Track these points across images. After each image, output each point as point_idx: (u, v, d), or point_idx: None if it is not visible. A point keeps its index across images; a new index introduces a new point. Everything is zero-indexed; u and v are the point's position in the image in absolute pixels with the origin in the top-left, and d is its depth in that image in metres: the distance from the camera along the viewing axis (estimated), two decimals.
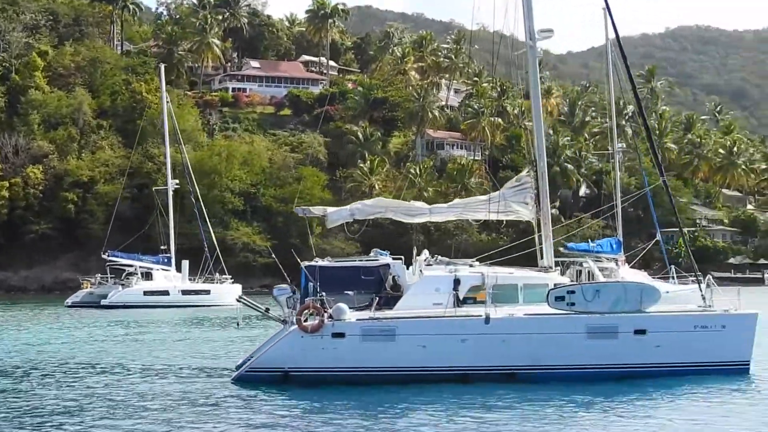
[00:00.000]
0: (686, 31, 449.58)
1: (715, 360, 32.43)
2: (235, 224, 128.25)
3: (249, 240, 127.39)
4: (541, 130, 35.97)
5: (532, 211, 35.67)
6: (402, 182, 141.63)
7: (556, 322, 31.49)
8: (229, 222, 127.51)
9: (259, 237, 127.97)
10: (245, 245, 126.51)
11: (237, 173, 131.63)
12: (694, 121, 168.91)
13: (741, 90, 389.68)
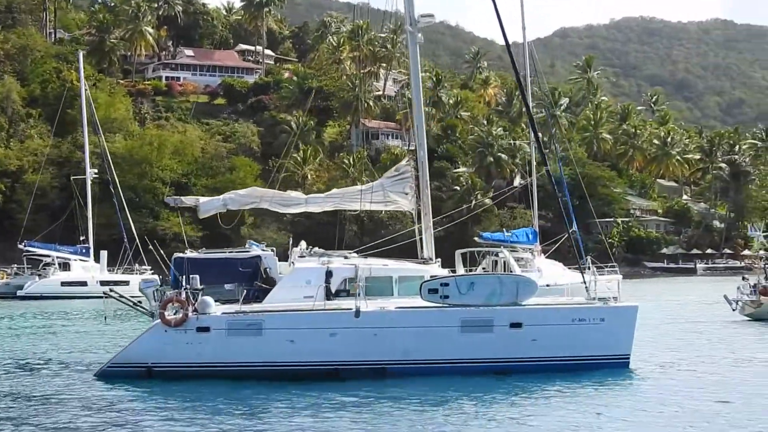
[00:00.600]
0: (631, 23, 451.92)
1: (594, 354, 31.66)
2: (165, 214, 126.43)
3: (180, 230, 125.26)
4: (421, 117, 35.19)
5: (411, 201, 34.75)
6: (335, 172, 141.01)
7: (428, 316, 30.59)
8: (160, 212, 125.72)
9: (190, 227, 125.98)
10: (176, 235, 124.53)
11: (168, 163, 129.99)
12: (630, 112, 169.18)
13: (684, 81, 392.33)
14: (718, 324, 50.50)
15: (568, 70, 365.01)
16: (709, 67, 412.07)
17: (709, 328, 48.79)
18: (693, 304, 65.06)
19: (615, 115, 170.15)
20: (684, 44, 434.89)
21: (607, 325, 31.60)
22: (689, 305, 64.64)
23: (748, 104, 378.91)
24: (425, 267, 33.11)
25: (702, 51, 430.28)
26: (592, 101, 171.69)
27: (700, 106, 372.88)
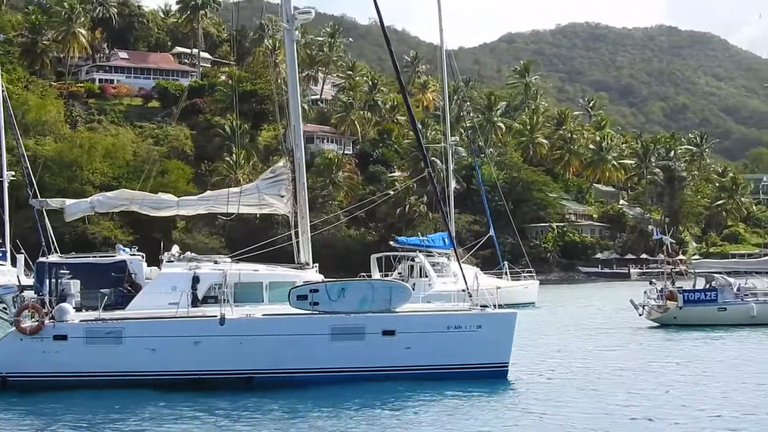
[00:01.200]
0: (577, 28, 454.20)
1: (470, 362, 30.82)
2: (95, 218, 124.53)
3: (110, 234, 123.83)
4: (298, 116, 34.31)
5: (287, 204, 33.76)
6: None
7: (297, 323, 29.62)
8: (90, 216, 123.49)
9: (120, 231, 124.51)
10: (106, 239, 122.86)
11: (99, 166, 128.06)
12: (567, 117, 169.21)
13: (629, 87, 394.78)
14: (622, 330, 50.03)
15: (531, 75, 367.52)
16: (654, 73, 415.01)
17: (611, 334, 48.28)
18: (607, 309, 64.49)
19: (552, 119, 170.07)
20: (629, 50, 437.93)
21: (485, 332, 30.76)
22: (603, 310, 64.07)
23: (692, 110, 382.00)
24: (299, 273, 32.17)
25: (647, 57, 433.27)
26: (530, 106, 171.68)
27: (644, 112, 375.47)
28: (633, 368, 34.67)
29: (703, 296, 50.95)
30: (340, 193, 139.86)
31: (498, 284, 70.58)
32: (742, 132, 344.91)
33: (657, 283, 52.68)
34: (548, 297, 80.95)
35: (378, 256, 69.95)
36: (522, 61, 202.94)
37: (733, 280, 52.00)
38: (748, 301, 50.81)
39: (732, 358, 38.28)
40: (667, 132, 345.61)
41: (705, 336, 46.46)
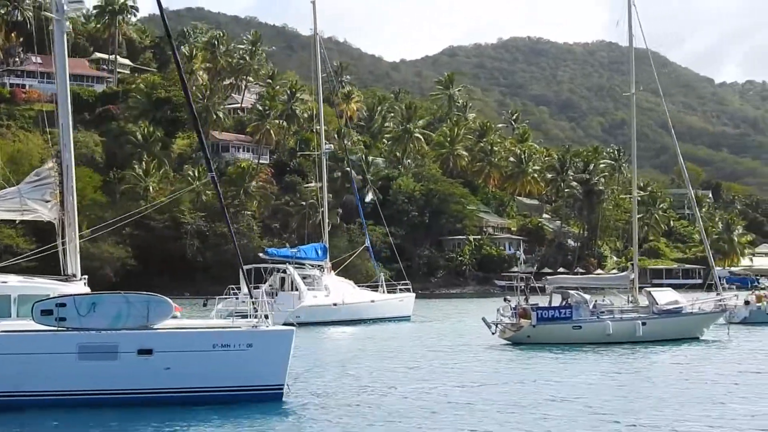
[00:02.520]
0: (518, 43, 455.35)
1: (240, 385, 28.22)
2: None
3: (12, 242, 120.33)
4: (67, 117, 31.52)
5: (53, 210, 30.95)
6: (180, 184, 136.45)
7: (39, 341, 26.83)
8: None
9: (23, 239, 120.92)
10: (7, 247, 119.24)
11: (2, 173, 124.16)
12: (488, 129, 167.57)
13: (569, 101, 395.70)
14: (472, 349, 47.63)
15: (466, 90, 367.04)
16: (594, 88, 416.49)
17: (459, 353, 45.80)
18: (472, 326, 61.89)
19: (474, 132, 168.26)
20: (570, 65, 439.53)
21: (256, 351, 28.15)
22: (466, 327, 61.26)
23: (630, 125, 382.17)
24: (59, 285, 29.35)
25: (587, 72, 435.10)
26: (451, 118, 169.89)
27: (583, 126, 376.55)
28: (444, 392, 32.24)
29: (558, 314, 48.83)
30: (252, 203, 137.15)
31: (372, 297, 68.49)
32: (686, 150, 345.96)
33: (511, 300, 50.38)
34: (430, 310, 79.00)
35: (247, 268, 67.18)
36: (446, 73, 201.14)
37: (589, 297, 49.92)
38: (603, 319, 48.78)
39: (571, 377, 36.42)
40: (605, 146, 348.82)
41: (549, 355, 44.26)
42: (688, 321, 50.82)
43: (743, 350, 46.95)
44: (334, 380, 34.33)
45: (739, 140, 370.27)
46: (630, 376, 37.57)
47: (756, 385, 33.74)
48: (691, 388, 33.33)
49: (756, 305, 65.85)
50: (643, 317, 49.60)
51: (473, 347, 48.36)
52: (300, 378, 32.89)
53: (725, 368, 39.06)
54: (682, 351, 46.57)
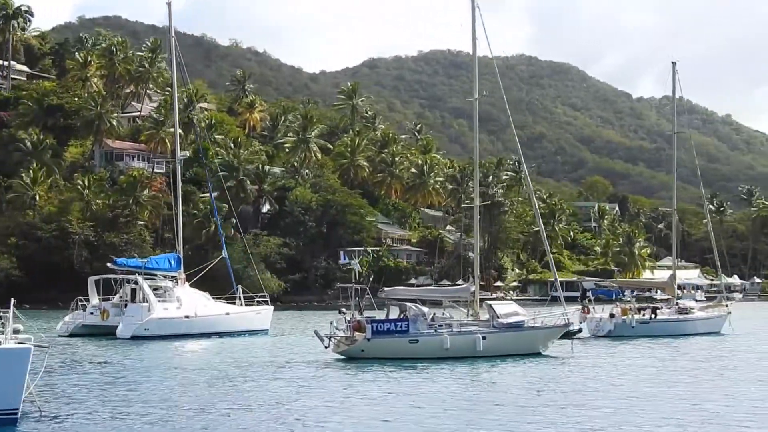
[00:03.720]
0: (438, 56, 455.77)
1: None
2: None
3: None
4: None
5: None
6: (70, 194, 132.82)
7: None
8: None
9: None
10: None
11: None
12: (390, 140, 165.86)
13: (488, 114, 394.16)
14: (301, 365, 45.31)
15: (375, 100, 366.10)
16: (513, 102, 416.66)
17: (286, 369, 43.43)
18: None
19: (377, 142, 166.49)
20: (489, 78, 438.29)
21: None
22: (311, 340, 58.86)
23: (549, 139, 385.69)
24: None
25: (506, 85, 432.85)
26: (354, 128, 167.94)
27: (502, 140, 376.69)
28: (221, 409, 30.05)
29: (394, 327, 46.73)
30: (144, 212, 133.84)
31: (228, 310, 66.07)
32: (595, 161, 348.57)
33: (346, 313, 48.17)
34: (301, 322, 76.94)
35: (96, 279, 64.61)
36: (349, 83, 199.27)
37: (427, 309, 47.93)
38: (441, 333, 46.82)
39: (400, 394, 34.57)
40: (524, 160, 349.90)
41: (381, 370, 42.20)
42: (529, 335, 49.12)
43: (584, 367, 45.28)
44: (99, 402, 31.77)
45: (655, 155, 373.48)
46: (462, 393, 35.78)
47: (581, 406, 31.96)
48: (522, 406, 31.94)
49: (621, 318, 64.48)
50: (483, 331, 47.70)
51: (304, 362, 46.13)
52: (65, 398, 30.45)
53: (560, 386, 37.42)
54: (521, 367, 44.84)
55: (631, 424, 28.00)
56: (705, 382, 39.28)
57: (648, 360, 49.26)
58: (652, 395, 34.51)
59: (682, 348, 57.14)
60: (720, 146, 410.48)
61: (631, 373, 42.67)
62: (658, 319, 65.99)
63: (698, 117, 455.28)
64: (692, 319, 67.46)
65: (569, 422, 28.19)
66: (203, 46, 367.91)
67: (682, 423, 28.15)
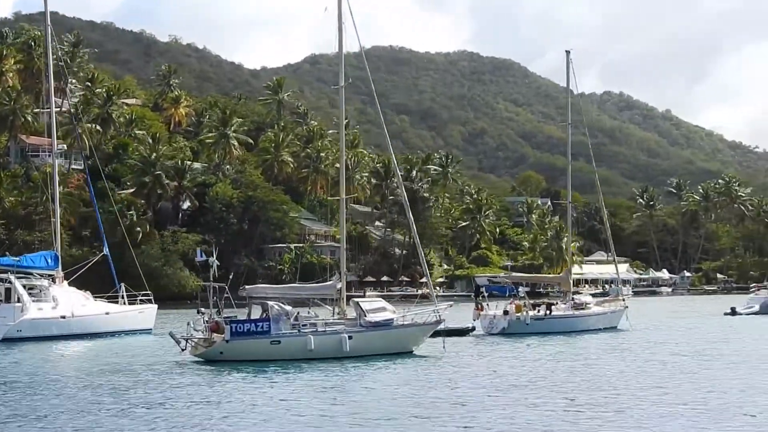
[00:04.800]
0: (380, 52, 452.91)
1: None
2: None
3: None
4: None
5: None
6: None
7: None
8: None
9: None
10: None
11: None
12: (316, 135, 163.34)
13: (430, 110, 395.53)
14: (156, 368, 42.92)
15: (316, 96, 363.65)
16: (455, 98, 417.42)
17: (138, 373, 41.00)
18: None
19: (302, 138, 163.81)
20: (431, 74, 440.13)
21: None
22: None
23: (490, 134, 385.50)
24: None
25: (448, 81, 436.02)
26: (279, 123, 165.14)
27: (443, 135, 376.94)
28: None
29: (254, 327, 44.34)
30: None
31: (108, 309, 63.61)
32: (536, 157, 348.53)
33: (205, 313, 45.73)
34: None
35: None
36: (275, 78, 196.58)
37: (290, 308, 45.66)
38: (305, 333, 44.63)
39: (258, 400, 32.51)
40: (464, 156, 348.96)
41: (240, 374, 39.98)
42: (399, 334, 47.13)
43: (455, 366, 43.42)
44: None
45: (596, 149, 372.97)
46: (323, 395, 33.90)
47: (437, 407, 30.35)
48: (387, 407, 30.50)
49: (515, 315, 62.71)
50: (350, 330, 45.59)
51: (158, 365, 43.78)
52: None
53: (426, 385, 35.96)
54: (388, 367, 42.88)
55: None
56: (554, 381, 37.67)
57: (519, 360, 47.35)
58: (503, 395, 33.22)
59: (566, 345, 55.45)
60: (660, 141, 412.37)
61: (496, 372, 40.89)
62: (553, 315, 64.34)
63: (639, 112, 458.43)
64: (588, 315, 65.93)
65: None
66: (142, 42, 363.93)
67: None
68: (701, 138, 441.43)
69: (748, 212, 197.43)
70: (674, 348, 52.86)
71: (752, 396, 32.73)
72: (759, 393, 33.55)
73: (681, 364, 43.93)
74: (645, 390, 34.37)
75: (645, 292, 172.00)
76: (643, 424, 27.14)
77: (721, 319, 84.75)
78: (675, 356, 47.59)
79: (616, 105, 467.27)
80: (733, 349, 51.59)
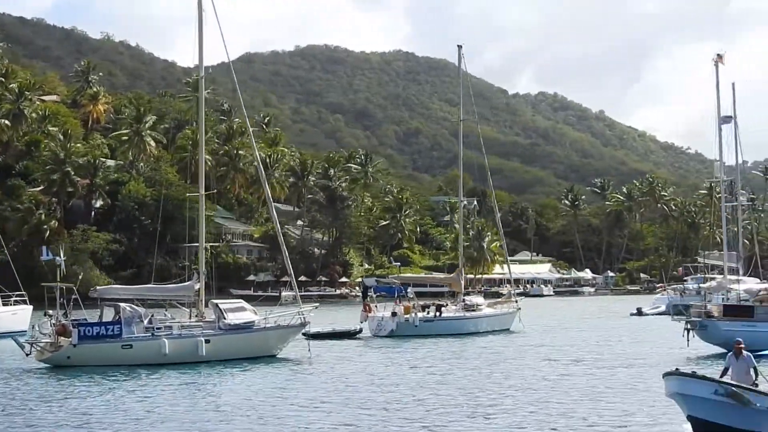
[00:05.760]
0: (315, 51, 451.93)
1: None
2: None
3: None
4: None
5: None
6: None
7: None
8: None
9: None
10: None
11: None
12: (234, 132, 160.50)
13: (365, 110, 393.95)
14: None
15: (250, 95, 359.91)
16: (390, 97, 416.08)
17: None
18: None
19: (220, 135, 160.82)
20: (366, 74, 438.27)
21: None
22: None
23: (425, 134, 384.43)
24: None
25: (383, 81, 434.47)
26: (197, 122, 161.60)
27: (378, 135, 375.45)
28: None
29: (104, 331, 42.13)
30: None
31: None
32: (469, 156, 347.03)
33: (51, 315, 43.30)
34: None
35: None
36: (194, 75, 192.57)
37: (144, 310, 43.45)
38: (159, 336, 42.44)
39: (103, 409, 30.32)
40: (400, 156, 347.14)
41: (87, 381, 37.66)
42: (260, 337, 45.17)
43: (308, 372, 41.43)
44: None
45: (530, 150, 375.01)
46: (175, 404, 31.82)
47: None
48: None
49: (404, 317, 60.93)
50: (207, 334, 43.49)
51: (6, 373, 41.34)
52: None
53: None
54: (246, 372, 40.85)
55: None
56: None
57: (390, 364, 45.47)
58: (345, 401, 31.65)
59: (438, 349, 53.39)
60: (593, 142, 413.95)
61: (354, 377, 39.01)
62: (443, 317, 62.64)
63: (573, 113, 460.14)
64: (479, 317, 64.36)
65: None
66: (73, 39, 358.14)
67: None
68: (634, 139, 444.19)
69: (671, 212, 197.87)
70: (549, 351, 50.97)
71: (590, 402, 31.02)
72: (597, 399, 31.86)
73: (542, 368, 42.14)
74: (467, 397, 32.66)
75: (567, 291, 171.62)
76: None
77: (626, 319, 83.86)
78: (544, 361, 45.71)
79: (551, 106, 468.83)
80: (614, 352, 50.07)
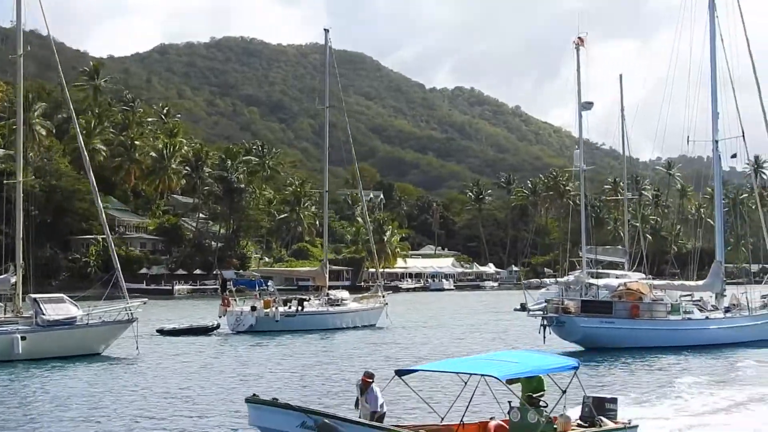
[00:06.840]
0: (231, 43, 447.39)
1: None
2: None
3: None
4: None
5: None
6: None
7: None
8: None
9: None
10: None
11: None
12: (131, 123, 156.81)
13: (280, 102, 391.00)
14: None
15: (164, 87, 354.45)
16: (306, 90, 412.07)
17: None
18: None
19: (117, 125, 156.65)
20: (282, 66, 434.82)
21: None
22: None
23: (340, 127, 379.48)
24: None
25: (299, 74, 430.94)
26: (93, 110, 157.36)
27: (293, 128, 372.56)
28: None
29: None
30: None
31: None
32: (386, 150, 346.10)
33: None
34: None
35: None
36: (91, 63, 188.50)
37: None
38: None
39: None
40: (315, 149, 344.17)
41: None
42: (82, 334, 42.72)
43: (140, 370, 39.13)
44: None
45: (446, 144, 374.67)
46: None
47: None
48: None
49: (263, 311, 58.68)
50: (23, 330, 40.85)
51: None
52: None
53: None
54: (63, 371, 38.36)
55: None
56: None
57: (229, 357, 43.45)
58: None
59: (282, 345, 51.43)
60: (509, 137, 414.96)
61: (176, 374, 36.86)
62: (305, 311, 60.54)
63: (489, 108, 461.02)
64: (344, 312, 62.46)
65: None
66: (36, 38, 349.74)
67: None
68: (549, 135, 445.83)
69: (576, 207, 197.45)
70: (397, 350, 49.29)
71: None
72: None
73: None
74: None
75: (469, 286, 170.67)
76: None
77: (507, 314, 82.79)
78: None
79: (467, 100, 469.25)
80: (458, 347, 48.50)
